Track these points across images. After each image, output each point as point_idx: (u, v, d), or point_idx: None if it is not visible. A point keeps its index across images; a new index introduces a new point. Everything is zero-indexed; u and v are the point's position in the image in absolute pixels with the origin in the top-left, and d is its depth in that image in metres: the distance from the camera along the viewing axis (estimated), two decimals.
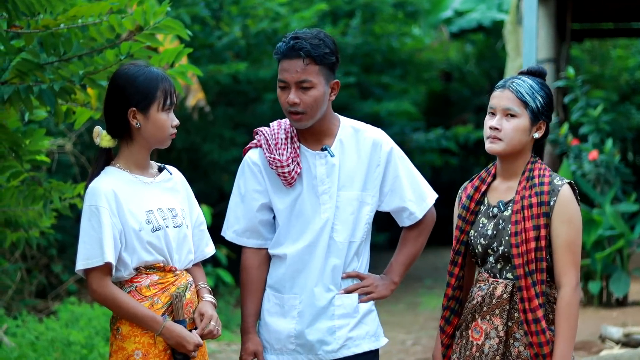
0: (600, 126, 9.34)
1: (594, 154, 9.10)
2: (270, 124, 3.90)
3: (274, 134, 3.84)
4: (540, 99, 3.53)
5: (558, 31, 11.11)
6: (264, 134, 3.86)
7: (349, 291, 3.84)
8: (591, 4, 12.05)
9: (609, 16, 13.46)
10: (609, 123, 9.53)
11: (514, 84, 3.53)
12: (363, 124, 3.93)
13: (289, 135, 3.83)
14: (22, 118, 4.61)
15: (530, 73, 3.61)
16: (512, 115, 3.52)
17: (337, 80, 3.79)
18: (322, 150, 3.82)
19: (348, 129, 3.88)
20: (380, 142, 3.88)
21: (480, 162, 16.19)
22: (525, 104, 3.51)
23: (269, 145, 3.81)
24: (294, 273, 3.81)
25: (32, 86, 4.13)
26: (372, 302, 3.90)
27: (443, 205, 5.09)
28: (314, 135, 3.83)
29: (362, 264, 3.88)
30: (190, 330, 3.52)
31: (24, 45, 4.16)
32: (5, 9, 4.01)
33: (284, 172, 3.78)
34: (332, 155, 3.81)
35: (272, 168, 3.79)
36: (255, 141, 3.89)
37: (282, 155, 3.78)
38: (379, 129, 3.94)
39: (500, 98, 3.54)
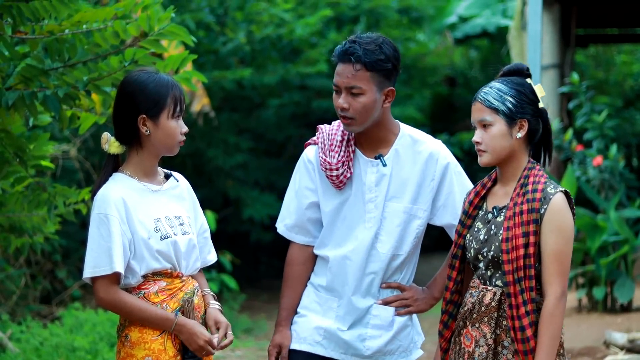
0: (605, 132, 9.33)
1: (598, 160, 9.08)
2: (333, 122, 3.86)
3: (332, 135, 3.79)
4: (511, 99, 3.50)
5: (562, 37, 11.11)
6: (322, 133, 3.83)
7: (387, 302, 3.80)
8: (596, 10, 12.06)
9: (613, 22, 13.47)
10: (613, 129, 9.51)
11: (481, 93, 3.53)
12: (424, 134, 3.86)
13: (346, 138, 3.78)
14: (26, 123, 4.61)
15: (510, 73, 3.58)
16: (487, 125, 3.52)
17: (392, 87, 3.71)
18: (376, 158, 3.77)
19: (406, 138, 3.81)
20: (437, 156, 3.81)
21: (486, 167, 16.14)
22: (495, 110, 3.50)
23: (324, 146, 3.78)
24: (334, 278, 3.78)
25: (36, 92, 4.13)
26: (408, 316, 3.85)
27: None
28: (369, 141, 3.77)
29: (404, 277, 3.83)
30: None
31: (28, 51, 4.16)
32: (10, 15, 4.01)
33: (331, 176, 3.74)
34: (384, 165, 3.76)
35: (322, 169, 3.77)
36: (315, 137, 3.86)
37: (334, 158, 3.74)
38: (439, 141, 3.87)
39: (474, 112, 3.55)
